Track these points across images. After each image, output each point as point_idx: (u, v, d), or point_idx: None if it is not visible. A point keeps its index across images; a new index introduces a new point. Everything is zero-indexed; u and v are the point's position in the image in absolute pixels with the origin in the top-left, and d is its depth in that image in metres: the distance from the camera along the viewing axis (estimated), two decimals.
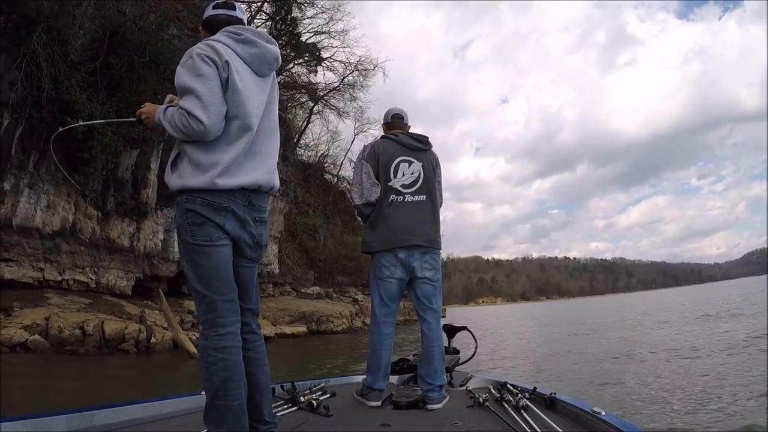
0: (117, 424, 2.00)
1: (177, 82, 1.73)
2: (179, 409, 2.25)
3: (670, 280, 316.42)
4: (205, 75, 1.69)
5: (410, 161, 2.78)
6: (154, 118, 1.83)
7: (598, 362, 9.48)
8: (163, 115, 1.77)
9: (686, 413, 5.20)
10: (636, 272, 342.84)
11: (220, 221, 1.74)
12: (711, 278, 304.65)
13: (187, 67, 1.72)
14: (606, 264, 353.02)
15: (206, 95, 1.67)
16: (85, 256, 14.89)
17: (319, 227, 29.40)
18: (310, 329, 18.68)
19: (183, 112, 1.68)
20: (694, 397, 5.84)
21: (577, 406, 2.16)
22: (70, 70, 14.16)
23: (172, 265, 17.13)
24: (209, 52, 1.73)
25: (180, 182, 1.75)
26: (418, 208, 2.75)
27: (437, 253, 2.82)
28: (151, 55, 15.86)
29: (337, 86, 30.47)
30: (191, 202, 1.73)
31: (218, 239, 1.74)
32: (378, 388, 2.65)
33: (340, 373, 7.21)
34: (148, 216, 16.31)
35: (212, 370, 1.67)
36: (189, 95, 1.69)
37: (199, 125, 1.66)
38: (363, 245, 2.84)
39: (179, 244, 1.81)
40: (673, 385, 6.73)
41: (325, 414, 2.25)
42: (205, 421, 1.71)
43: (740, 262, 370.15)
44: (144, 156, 16.44)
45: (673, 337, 12.98)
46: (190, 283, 1.77)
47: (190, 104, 1.67)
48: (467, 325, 3.58)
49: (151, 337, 11.23)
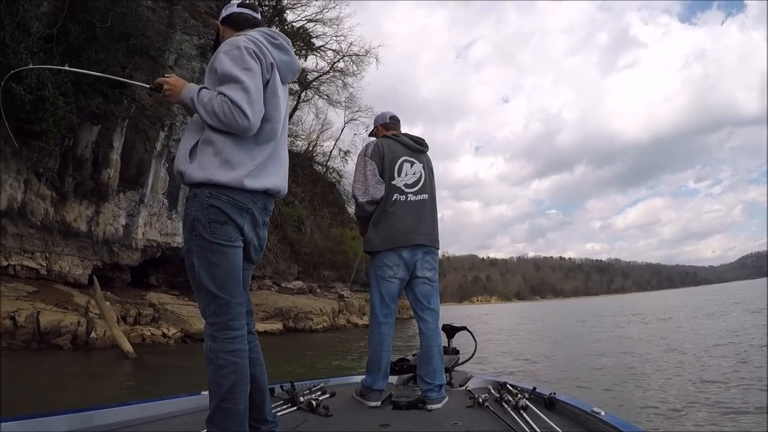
0: (116, 425, 1.99)
1: (220, 68, 1.66)
2: (178, 410, 2.23)
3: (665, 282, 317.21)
4: (252, 70, 1.67)
5: (412, 161, 2.81)
6: (179, 94, 1.71)
7: (598, 362, 9.42)
8: (197, 96, 1.66)
9: (686, 413, 5.18)
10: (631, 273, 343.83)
11: (241, 222, 1.70)
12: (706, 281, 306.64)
13: (232, 56, 1.66)
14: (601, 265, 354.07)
15: (253, 91, 1.64)
16: (36, 240, 13.50)
17: (305, 219, 28.03)
18: (287, 327, 17.26)
19: (227, 101, 1.60)
20: (694, 397, 5.86)
21: (576, 406, 2.14)
22: (20, 34, 12.71)
23: (135, 254, 15.71)
24: (256, 50, 1.72)
25: (204, 174, 1.65)
26: (420, 208, 2.77)
27: (437, 253, 2.85)
28: (115, 22, 14.50)
29: (327, 71, 29.17)
30: (215, 198, 1.65)
31: (236, 240, 1.70)
32: (377, 388, 2.64)
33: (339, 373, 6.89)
34: (108, 198, 14.90)
35: (222, 374, 1.63)
36: (235, 85, 1.62)
37: (243, 119, 1.61)
38: (366, 244, 2.79)
39: (190, 239, 1.67)
40: (672, 384, 6.72)
41: (324, 414, 2.24)
42: (209, 424, 1.64)
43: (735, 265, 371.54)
44: (106, 133, 15.02)
45: (673, 337, 12.95)
46: (199, 282, 1.66)
47: (237, 95, 1.61)
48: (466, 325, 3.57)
49: (91, 332, 9.83)
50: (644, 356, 9.78)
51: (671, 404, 5.61)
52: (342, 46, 28.98)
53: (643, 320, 21.63)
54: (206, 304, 1.66)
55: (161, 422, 2.10)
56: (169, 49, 16.94)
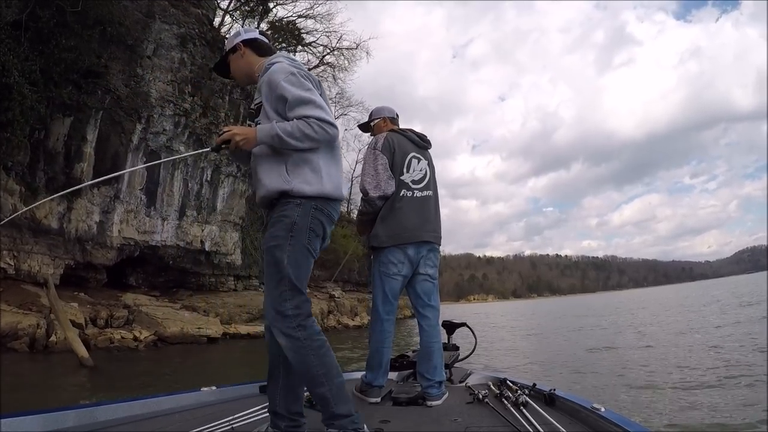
0: (117, 420, 2.01)
1: (289, 94, 1.77)
2: (178, 406, 2.25)
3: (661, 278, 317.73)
4: (312, 90, 1.82)
5: (419, 158, 2.82)
6: (255, 138, 1.79)
7: (597, 359, 9.40)
8: (280, 130, 1.74)
9: (687, 409, 5.18)
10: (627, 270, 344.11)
11: (328, 233, 1.89)
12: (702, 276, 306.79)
13: (290, 81, 1.79)
14: (597, 262, 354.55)
15: (324, 105, 1.80)
16: (3, 238, 12.74)
17: None
18: None
19: (312, 121, 1.74)
20: (695, 393, 5.85)
21: (576, 402, 2.11)
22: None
23: (110, 252, 14.93)
24: (305, 71, 1.88)
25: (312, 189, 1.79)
26: (425, 204, 2.77)
27: (439, 250, 2.87)
28: (87, 8, 13.72)
29: (316, 65, 28.42)
30: (319, 212, 1.81)
31: (319, 251, 1.87)
32: (378, 384, 2.62)
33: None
34: (81, 194, 14.10)
35: (322, 353, 1.74)
36: (310, 105, 1.76)
37: (332, 128, 1.77)
38: (372, 239, 2.74)
39: (284, 237, 1.77)
40: (673, 380, 6.70)
41: None
42: (335, 408, 1.70)
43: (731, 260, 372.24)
44: (79, 125, 14.27)
45: (672, 333, 12.98)
46: (283, 277, 1.75)
47: (318, 112, 1.75)
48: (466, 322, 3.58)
49: (51, 335, 9.07)
50: (644, 352, 9.71)
51: (672, 400, 5.63)
52: (332, 40, 28.36)
53: (643, 316, 21.87)
54: (288, 299, 1.74)
55: (160, 419, 2.10)
56: (147, 38, 16.18)
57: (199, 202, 17.45)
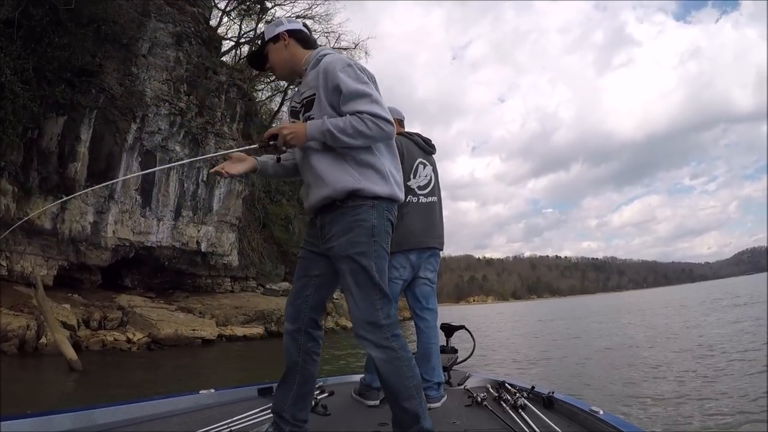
0: (116, 423, 2.02)
1: (345, 87, 1.69)
2: (176, 408, 2.24)
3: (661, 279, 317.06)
4: (370, 84, 1.73)
5: (425, 163, 2.80)
6: (305, 135, 1.68)
7: (596, 361, 9.37)
8: (332, 126, 1.65)
9: (685, 411, 5.15)
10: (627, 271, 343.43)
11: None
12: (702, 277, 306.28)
13: (348, 73, 1.71)
14: (597, 263, 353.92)
15: (381, 100, 1.71)
16: None
17: (293, 218, 27.08)
18: (269, 330, 16.23)
19: (368, 117, 1.65)
20: (693, 395, 5.80)
21: (575, 405, 2.13)
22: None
23: (104, 253, 14.73)
24: (360, 65, 1.79)
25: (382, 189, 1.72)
26: (430, 210, 2.77)
27: (440, 255, 2.86)
28: (81, 7, 13.56)
29: None
30: (390, 213, 1.75)
31: None
32: (377, 387, 2.54)
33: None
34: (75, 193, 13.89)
35: (413, 364, 1.68)
36: (367, 99, 1.68)
37: (388, 125, 1.67)
38: None
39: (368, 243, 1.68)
40: (671, 382, 6.65)
41: (323, 413, 2.25)
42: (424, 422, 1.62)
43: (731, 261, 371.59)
44: (73, 124, 14.11)
45: (671, 335, 12.89)
46: (375, 285, 1.67)
47: (373, 107, 1.66)
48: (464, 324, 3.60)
49: (41, 337, 8.88)
50: (643, 354, 9.66)
51: (670, 402, 5.58)
52: (330, 40, 28.25)
53: (643, 317, 21.80)
54: (381, 307, 1.67)
55: (159, 421, 2.11)
56: (142, 37, 16.03)
57: (195, 202, 17.26)
